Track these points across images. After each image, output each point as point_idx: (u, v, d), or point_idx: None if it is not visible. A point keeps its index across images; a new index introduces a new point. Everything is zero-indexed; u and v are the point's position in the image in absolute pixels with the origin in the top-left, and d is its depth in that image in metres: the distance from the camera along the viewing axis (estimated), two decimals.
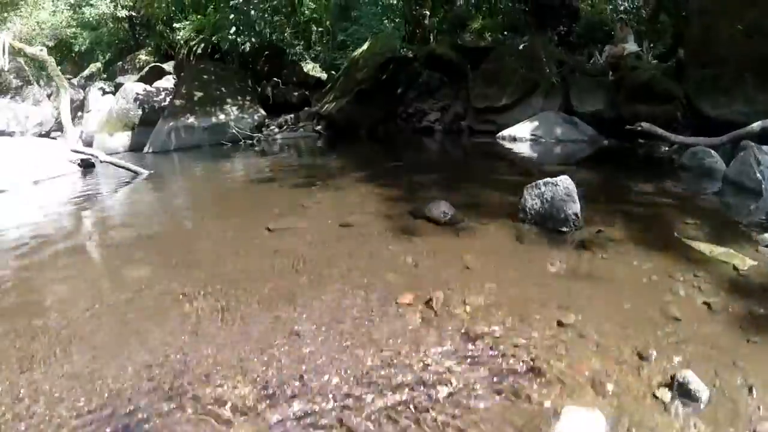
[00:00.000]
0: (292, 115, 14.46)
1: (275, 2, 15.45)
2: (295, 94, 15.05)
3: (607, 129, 10.33)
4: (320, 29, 20.56)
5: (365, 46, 13.98)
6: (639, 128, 8.38)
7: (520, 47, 12.49)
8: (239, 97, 14.02)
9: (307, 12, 20.74)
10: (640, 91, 10.16)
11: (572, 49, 17.01)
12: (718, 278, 3.59)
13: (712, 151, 7.04)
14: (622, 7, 17.20)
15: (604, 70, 11.38)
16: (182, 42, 16.43)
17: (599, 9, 16.74)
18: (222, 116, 13.41)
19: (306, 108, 14.68)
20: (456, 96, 13.33)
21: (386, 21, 17.30)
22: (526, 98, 11.68)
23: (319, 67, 19.16)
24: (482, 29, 14.19)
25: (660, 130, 8.21)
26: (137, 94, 15.73)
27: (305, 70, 18.77)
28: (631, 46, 12.65)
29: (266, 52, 15.60)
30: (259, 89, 15.14)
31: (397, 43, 13.56)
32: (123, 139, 14.67)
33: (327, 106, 13.58)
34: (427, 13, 14.71)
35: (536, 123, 10.58)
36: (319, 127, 13.64)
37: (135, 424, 2.38)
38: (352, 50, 19.33)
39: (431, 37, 14.97)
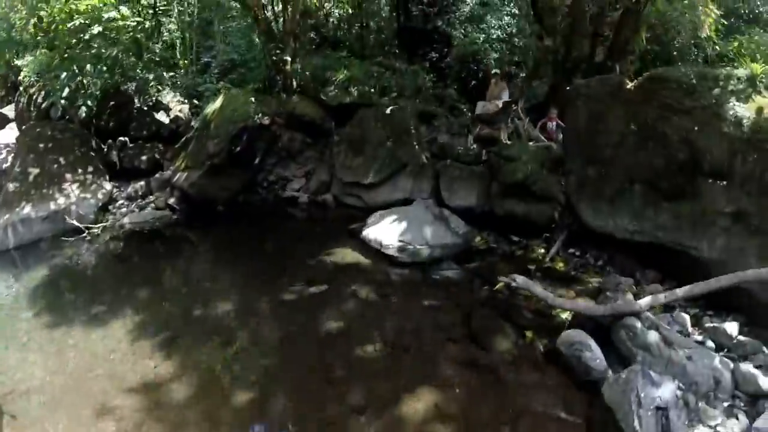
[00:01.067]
0: (142, 183, 12.88)
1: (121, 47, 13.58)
2: (144, 158, 13.41)
3: (481, 224, 9.59)
4: (181, 48, 18.83)
5: (218, 104, 12.54)
6: (513, 283, 7.36)
7: (387, 111, 11.42)
8: (80, 170, 12.28)
9: (167, 35, 18.97)
10: (516, 188, 9.35)
11: (443, 77, 16.35)
12: None
13: (592, 344, 5.96)
14: (495, 35, 16.45)
15: (477, 155, 10.38)
16: (21, 88, 14.51)
17: (472, 38, 15.93)
18: (61, 200, 11.61)
19: (159, 173, 13.14)
20: (321, 158, 12.33)
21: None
22: (393, 177, 10.76)
23: (180, 94, 17.50)
24: (348, 80, 12.92)
25: (537, 289, 7.17)
26: None
27: (166, 101, 17.17)
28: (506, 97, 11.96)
29: (111, 103, 13.78)
30: (105, 149, 13.41)
31: (250, 109, 12.02)
32: None
33: (179, 176, 12.15)
34: (288, 59, 13.30)
35: (404, 225, 9.45)
36: (172, 201, 12.18)
37: None
38: (216, 76, 17.96)
39: (293, 83, 13.64)
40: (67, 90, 12.32)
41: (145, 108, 15.48)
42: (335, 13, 19.94)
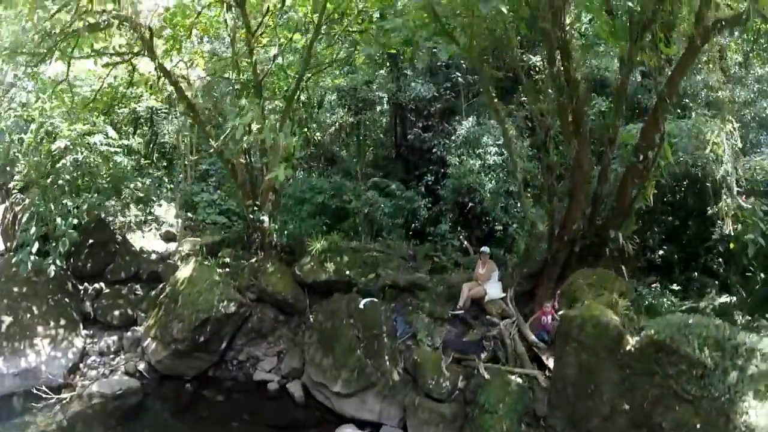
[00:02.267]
0: (114, 338, 12.87)
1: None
2: (117, 313, 13.41)
3: None
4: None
5: (188, 270, 12.65)
6: None
7: (361, 305, 11.33)
8: (52, 322, 12.39)
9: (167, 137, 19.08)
10: None
11: (437, 200, 16.41)
12: None
13: None
14: (491, 161, 16.34)
15: (450, 389, 10.05)
16: (8, 203, 14.64)
17: (466, 167, 15.84)
18: (32, 357, 11.77)
19: (132, 330, 13.12)
20: (293, 339, 12.41)
21: None
22: (362, 393, 10.53)
23: (176, 207, 17.50)
24: (324, 252, 12.81)
25: None
26: None
27: (159, 213, 17.20)
28: (494, 290, 11.86)
29: (90, 241, 13.74)
30: (81, 295, 13.41)
31: (215, 296, 11.95)
32: None
33: (149, 344, 12.17)
34: (264, 219, 13.21)
35: None
36: (142, 368, 12.11)
37: None
38: (214, 184, 18.03)
39: (270, 243, 13.66)
40: (36, 246, 12.18)
41: (126, 244, 15.42)
42: (332, 124, 19.98)
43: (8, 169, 16.48)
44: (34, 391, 11.01)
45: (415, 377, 10.39)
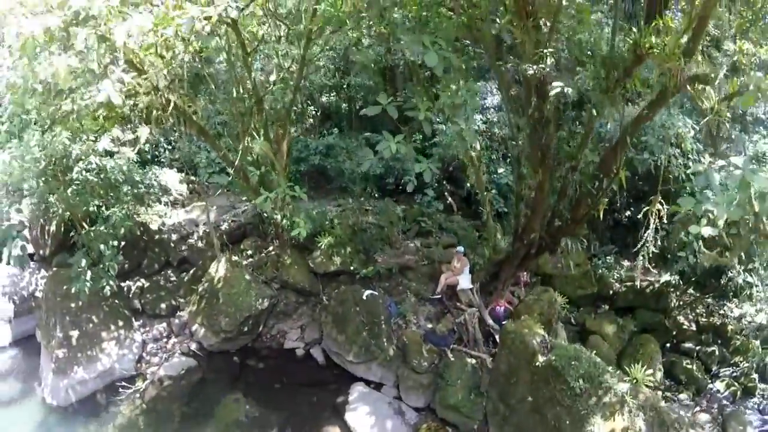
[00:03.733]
0: (164, 325, 15.93)
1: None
2: (163, 305, 16.28)
3: (431, 416, 13.12)
4: None
5: (221, 271, 15.49)
6: None
7: (363, 297, 14.34)
8: (112, 326, 15.05)
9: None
10: (450, 408, 12.91)
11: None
12: None
13: None
14: (476, 126, 17.71)
15: (429, 364, 13.51)
16: None
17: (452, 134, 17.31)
18: (105, 359, 14.52)
19: (177, 315, 16.13)
20: (312, 315, 15.48)
21: None
22: (369, 362, 14.04)
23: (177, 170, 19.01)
24: (331, 246, 15.33)
25: None
26: (2, 285, 16.20)
27: (164, 182, 18.82)
28: (465, 282, 14.80)
29: (122, 243, 15.58)
30: (127, 295, 16.19)
31: (251, 297, 14.94)
32: (4, 332, 16.12)
33: (197, 330, 15.33)
34: (277, 216, 15.30)
35: (373, 419, 12.85)
36: (194, 348, 15.33)
37: None
38: None
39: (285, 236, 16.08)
40: (89, 274, 14.25)
41: (151, 236, 17.49)
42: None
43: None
44: (113, 397, 13.95)
45: (404, 353, 13.92)
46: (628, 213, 17.35)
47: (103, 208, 15.31)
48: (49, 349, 14.52)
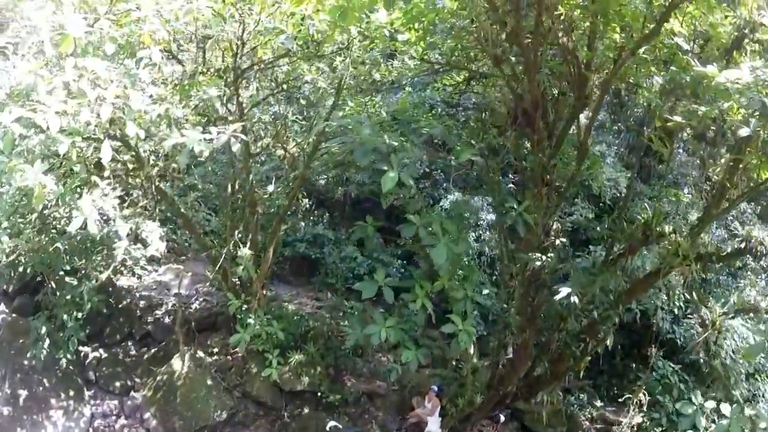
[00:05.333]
0: (116, 403, 15.25)
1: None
2: (117, 384, 15.55)
3: None
4: None
5: (177, 367, 15.00)
6: None
7: (327, 428, 13.89)
8: (62, 394, 14.30)
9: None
10: None
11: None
12: None
13: None
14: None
15: None
16: None
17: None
18: (51, 428, 13.78)
19: (131, 395, 15.42)
20: (270, 430, 15.04)
21: None
22: None
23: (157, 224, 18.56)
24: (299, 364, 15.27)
25: None
26: None
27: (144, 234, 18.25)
28: (434, 426, 14.32)
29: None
30: (83, 360, 15.54)
31: (210, 407, 14.54)
32: None
33: (150, 420, 14.54)
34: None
35: None
36: None
37: None
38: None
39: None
40: (47, 341, 13.78)
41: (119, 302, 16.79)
42: None
43: None
44: None
45: None
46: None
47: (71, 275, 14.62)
48: None
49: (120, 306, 16.87)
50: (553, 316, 13.57)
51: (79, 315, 14.07)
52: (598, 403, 16.95)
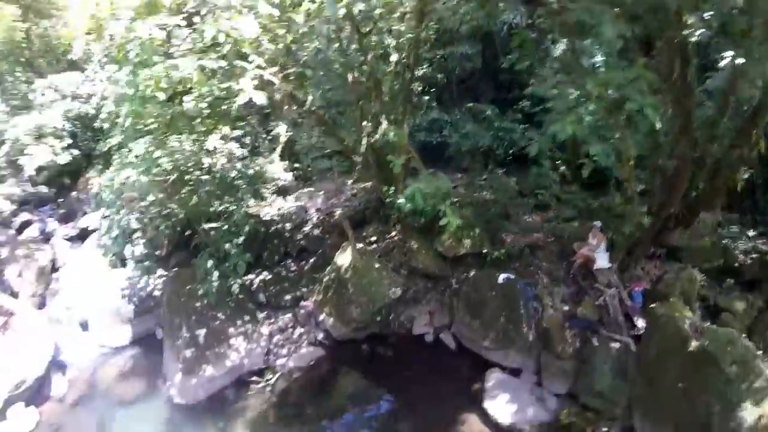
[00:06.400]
0: (290, 316, 15.86)
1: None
2: (287, 297, 16.18)
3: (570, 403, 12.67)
4: None
5: (347, 258, 15.28)
6: None
7: (499, 281, 14.06)
8: (238, 321, 15.09)
9: None
10: (594, 394, 12.47)
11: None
12: None
13: None
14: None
15: (573, 351, 13.07)
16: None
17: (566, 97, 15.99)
18: (233, 356, 14.49)
19: (301, 306, 15.99)
20: (441, 300, 15.23)
21: None
22: (506, 349, 13.59)
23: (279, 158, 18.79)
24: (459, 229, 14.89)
25: None
26: (121, 289, 16.65)
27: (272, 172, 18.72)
28: (602, 261, 13.95)
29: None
30: (251, 289, 16.20)
31: (384, 287, 14.73)
32: (125, 331, 16.43)
33: (325, 319, 15.22)
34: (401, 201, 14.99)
35: (515, 406, 12.47)
36: (321, 337, 15.27)
37: None
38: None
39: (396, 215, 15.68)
40: (216, 274, 14.52)
41: (268, 227, 17.47)
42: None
43: None
44: (244, 381, 14.16)
45: (545, 340, 13.43)
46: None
47: (222, 207, 15.27)
48: (174, 349, 14.56)
49: (270, 232, 17.55)
50: (705, 124, 12.71)
51: (239, 241, 14.80)
52: (751, 233, 15.92)
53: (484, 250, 15.18)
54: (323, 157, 18.92)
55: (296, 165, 20.06)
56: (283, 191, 19.66)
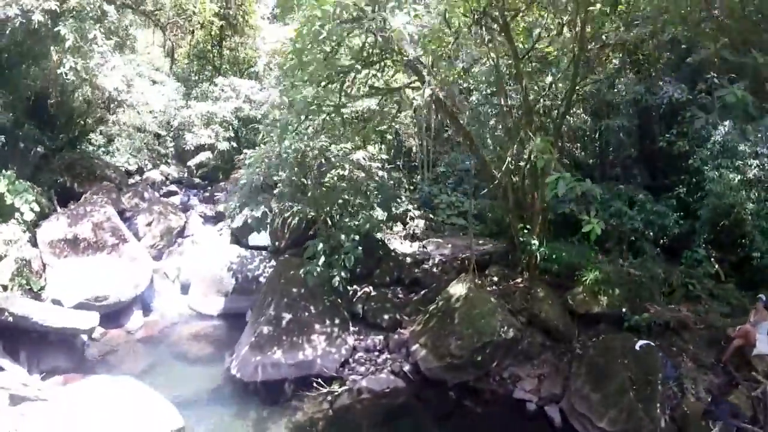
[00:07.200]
0: (381, 338, 14.15)
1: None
2: (386, 317, 14.62)
3: None
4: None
5: (460, 290, 13.48)
6: None
7: (637, 347, 11.34)
8: (327, 321, 13.82)
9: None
10: None
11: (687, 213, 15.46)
12: None
13: None
14: (752, 174, 14.60)
15: None
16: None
17: (726, 181, 14.43)
18: (309, 350, 13.15)
19: (397, 331, 14.27)
20: (557, 364, 12.53)
21: None
22: None
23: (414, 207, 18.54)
24: (596, 283, 12.69)
25: None
26: (231, 263, 16.00)
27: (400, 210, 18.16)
28: (764, 346, 11.21)
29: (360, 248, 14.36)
30: (352, 297, 15.06)
31: (497, 321, 12.53)
32: (218, 303, 16.43)
33: (417, 350, 13.06)
34: (534, 242, 13.31)
35: None
36: (407, 369, 13.08)
37: None
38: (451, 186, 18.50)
39: (536, 265, 13.81)
40: (322, 259, 13.75)
41: (388, 250, 16.85)
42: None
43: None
44: (305, 392, 12.36)
45: (680, 428, 10.50)
46: None
47: (349, 208, 15.38)
48: (254, 324, 13.87)
49: (389, 255, 16.60)
50: None
51: (356, 237, 14.21)
52: None
53: (623, 310, 12.66)
54: (459, 216, 18.96)
55: (431, 216, 19.71)
56: (413, 237, 18.96)
